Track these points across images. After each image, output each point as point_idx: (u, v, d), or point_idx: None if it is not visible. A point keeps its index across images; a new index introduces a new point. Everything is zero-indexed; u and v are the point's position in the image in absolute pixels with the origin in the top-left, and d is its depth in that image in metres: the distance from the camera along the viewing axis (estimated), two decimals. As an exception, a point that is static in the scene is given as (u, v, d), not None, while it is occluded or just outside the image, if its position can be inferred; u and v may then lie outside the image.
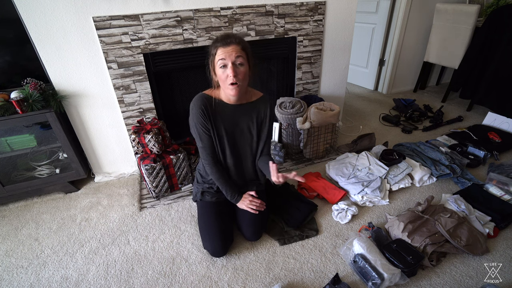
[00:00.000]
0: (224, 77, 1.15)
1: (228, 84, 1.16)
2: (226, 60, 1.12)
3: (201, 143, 1.29)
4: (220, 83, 1.20)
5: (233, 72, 1.12)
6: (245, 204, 1.36)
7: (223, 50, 1.12)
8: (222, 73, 1.15)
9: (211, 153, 1.31)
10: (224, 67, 1.14)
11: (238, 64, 1.14)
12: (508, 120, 2.23)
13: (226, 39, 1.12)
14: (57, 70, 1.54)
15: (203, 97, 1.26)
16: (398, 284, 1.16)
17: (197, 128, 1.27)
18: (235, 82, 1.15)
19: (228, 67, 1.13)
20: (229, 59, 1.11)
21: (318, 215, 1.56)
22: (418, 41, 3.02)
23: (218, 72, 1.16)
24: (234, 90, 1.17)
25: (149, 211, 1.64)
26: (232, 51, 1.11)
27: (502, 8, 2.35)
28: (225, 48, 1.11)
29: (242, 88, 1.20)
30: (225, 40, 1.12)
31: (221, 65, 1.13)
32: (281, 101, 2.02)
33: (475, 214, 1.43)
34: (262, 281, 1.22)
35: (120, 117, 1.79)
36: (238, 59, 1.13)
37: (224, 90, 1.22)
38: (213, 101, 1.27)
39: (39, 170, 1.74)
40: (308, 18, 1.93)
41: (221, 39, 1.13)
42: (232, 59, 1.12)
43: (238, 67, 1.14)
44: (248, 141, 1.37)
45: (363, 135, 2.17)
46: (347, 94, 3.20)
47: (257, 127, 1.36)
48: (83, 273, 1.29)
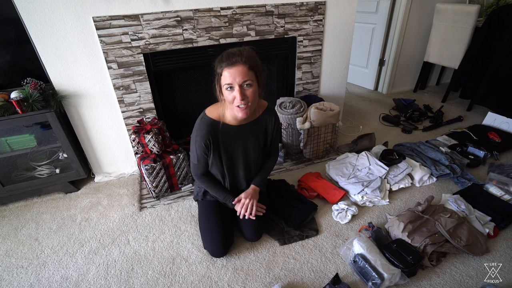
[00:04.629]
0: (231, 99, 1.08)
1: (236, 106, 1.10)
2: (233, 83, 1.04)
3: (196, 162, 1.27)
4: (227, 103, 1.13)
5: (241, 96, 1.05)
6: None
7: (229, 72, 1.03)
8: (229, 95, 1.08)
9: (202, 169, 1.30)
10: (231, 89, 1.06)
11: (246, 85, 1.06)
12: (508, 120, 2.22)
13: (231, 58, 1.02)
14: (57, 70, 1.54)
15: (208, 124, 1.18)
16: (398, 284, 1.16)
17: (197, 153, 1.24)
18: (244, 104, 1.08)
19: (235, 90, 1.05)
20: (236, 82, 1.03)
21: (318, 215, 1.56)
22: (418, 41, 3.02)
23: (225, 93, 1.09)
24: (242, 112, 1.11)
25: (149, 211, 1.64)
26: (239, 74, 1.03)
27: (502, 8, 2.35)
28: (231, 69, 1.02)
29: (251, 108, 1.13)
30: (230, 60, 1.02)
31: (228, 87, 1.06)
32: (281, 101, 2.02)
33: (475, 214, 1.43)
34: (262, 281, 1.22)
35: (120, 117, 1.79)
36: (245, 81, 1.05)
37: (232, 111, 1.15)
38: (219, 126, 1.20)
39: (39, 170, 1.74)
40: (308, 18, 1.93)
41: (226, 58, 1.03)
42: (239, 81, 1.03)
43: (245, 89, 1.07)
44: (254, 155, 1.34)
45: (363, 135, 2.17)
46: (347, 94, 3.20)
47: (264, 140, 1.35)
48: (83, 273, 1.29)
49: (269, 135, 1.35)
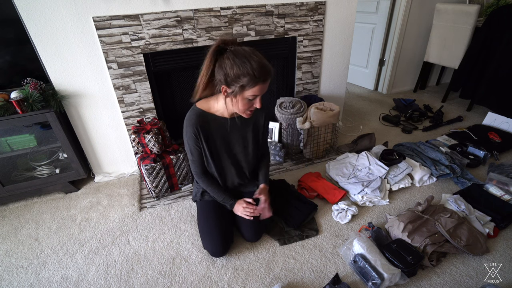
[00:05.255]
0: (249, 105, 1.11)
1: (248, 111, 1.14)
2: (260, 94, 1.08)
3: (191, 157, 1.29)
4: (237, 105, 1.12)
5: (260, 104, 1.10)
6: (240, 211, 1.36)
7: (262, 87, 1.06)
8: (248, 102, 1.10)
9: (201, 165, 1.31)
10: (254, 98, 1.09)
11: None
12: (508, 120, 2.23)
13: (266, 75, 1.04)
14: (57, 70, 1.54)
15: (197, 114, 1.21)
16: (398, 284, 1.16)
17: (189, 145, 1.26)
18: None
19: (257, 99, 1.10)
20: (262, 93, 1.08)
21: (318, 215, 1.56)
22: (418, 41, 3.02)
23: (242, 99, 1.09)
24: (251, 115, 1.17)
25: (149, 211, 1.64)
26: (266, 88, 1.08)
27: (502, 8, 2.35)
28: (265, 84, 1.06)
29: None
30: (265, 76, 1.03)
31: (252, 97, 1.08)
32: (281, 101, 2.02)
33: (475, 214, 1.43)
34: (262, 281, 1.22)
35: (120, 117, 1.79)
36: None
37: (235, 110, 1.17)
38: (208, 117, 1.23)
39: (39, 170, 1.74)
40: (308, 18, 1.93)
41: (262, 74, 1.02)
42: (263, 92, 1.09)
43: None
44: (244, 149, 1.36)
45: (363, 135, 2.17)
46: (347, 94, 3.20)
47: (253, 135, 1.35)
48: (83, 273, 1.29)
49: (260, 129, 1.37)
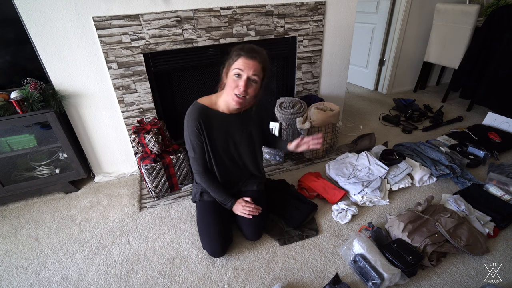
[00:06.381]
0: (234, 86, 1.14)
1: (234, 94, 1.15)
2: (243, 72, 1.11)
3: (193, 154, 1.29)
4: (227, 87, 1.18)
5: (245, 87, 1.12)
6: (239, 209, 1.36)
7: (245, 62, 1.11)
8: (234, 81, 1.14)
9: (202, 163, 1.32)
10: (239, 76, 1.13)
11: (252, 80, 1.14)
12: (508, 120, 2.22)
13: (252, 52, 1.11)
14: (57, 70, 1.54)
15: (199, 109, 1.23)
16: (398, 284, 1.16)
17: (191, 140, 1.26)
18: (243, 95, 1.14)
19: (242, 78, 1.12)
20: (246, 73, 1.11)
21: (318, 215, 1.56)
22: (418, 41, 3.02)
23: (230, 78, 1.15)
24: (237, 102, 1.16)
25: (149, 211, 1.64)
26: (252, 67, 1.11)
27: (502, 8, 2.35)
28: (248, 60, 1.11)
29: (246, 102, 1.20)
30: (250, 53, 1.11)
31: (237, 74, 1.12)
32: (281, 101, 2.02)
33: (475, 214, 1.43)
34: (262, 281, 1.22)
35: (120, 117, 1.79)
36: (254, 76, 1.13)
37: (228, 97, 1.19)
38: (210, 112, 1.25)
39: (39, 170, 1.74)
40: (308, 18, 1.93)
41: (247, 50, 1.12)
42: (249, 73, 1.11)
43: (251, 83, 1.14)
44: (246, 145, 1.37)
45: (363, 135, 2.17)
46: (347, 94, 3.20)
47: (254, 130, 1.36)
48: (83, 273, 1.29)
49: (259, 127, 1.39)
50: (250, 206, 1.35)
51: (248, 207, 1.35)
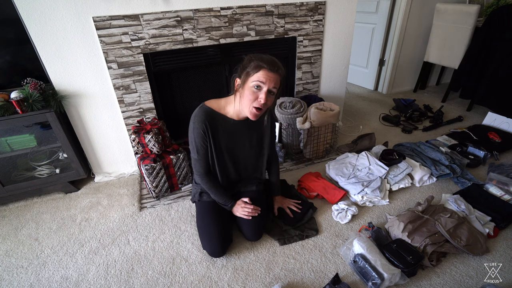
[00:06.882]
0: (254, 98, 1.13)
1: (253, 106, 1.14)
2: (264, 85, 1.10)
3: (196, 155, 1.29)
4: (245, 99, 1.15)
5: (265, 99, 1.12)
6: (238, 211, 1.36)
7: (267, 75, 1.10)
8: (253, 93, 1.12)
9: (205, 165, 1.31)
10: (258, 88, 1.11)
11: (271, 93, 1.14)
12: (508, 120, 2.22)
13: (274, 65, 1.11)
14: (57, 70, 1.54)
15: (206, 111, 1.22)
16: (398, 284, 1.16)
17: (195, 142, 1.25)
18: (261, 108, 1.14)
19: (262, 91, 1.11)
20: (267, 85, 1.10)
21: (318, 215, 1.56)
22: (418, 41, 3.02)
23: (248, 89, 1.13)
24: (253, 115, 1.16)
25: (149, 211, 1.64)
26: (274, 80, 1.11)
27: (502, 8, 2.34)
28: (270, 73, 1.10)
29: (262, 114, 1.19)
30: (273, 66, 1.10)
31: (257, 85, 1.11)
32: (281, 101, 2.02)
33: (475, 214, 1.43)
34: (262, 281, 1.22)
35: (120, 117, 1.79)
36: (274, 89, 1.13)
37: (244, 109, 1.18)
38: (217, 116, 1.25)
39: (39, 170, 1.74)
40: (308, 18, 1.93)
41: (269, 63, 1.10)
42: (270, 86, 1.11)
43: (269, 95, 1.14)
44: (250, 152, 1.38)
45: (363, 135, 2.17)
46: (347, 94, 3.20)
47: (259, 138, 1.37)
48: (83, 273, 1.29)
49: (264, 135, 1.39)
50: (249, 207, 1.35)
51: (247, 208, 1.35)
